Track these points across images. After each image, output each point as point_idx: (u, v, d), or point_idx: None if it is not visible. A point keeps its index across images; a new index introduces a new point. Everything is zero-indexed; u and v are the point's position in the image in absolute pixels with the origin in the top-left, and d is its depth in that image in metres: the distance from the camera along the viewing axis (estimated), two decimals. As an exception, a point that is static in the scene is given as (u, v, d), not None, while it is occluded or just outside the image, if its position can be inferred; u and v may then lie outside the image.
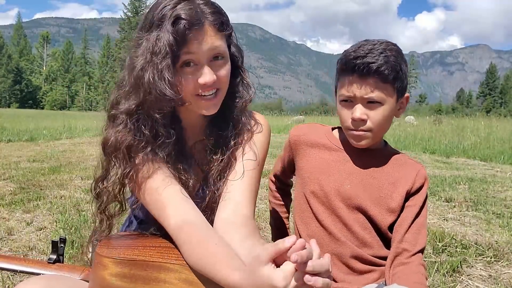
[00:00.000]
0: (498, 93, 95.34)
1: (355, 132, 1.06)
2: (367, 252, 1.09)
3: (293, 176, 1.30)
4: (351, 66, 1.02)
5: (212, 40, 0.93)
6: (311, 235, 1.12)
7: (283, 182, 1.40)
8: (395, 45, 1.05)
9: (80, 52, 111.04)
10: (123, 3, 75.19)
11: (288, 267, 0.68)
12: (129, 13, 72.82)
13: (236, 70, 1.04)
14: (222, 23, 0.95)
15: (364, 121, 1.04)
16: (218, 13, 0.95)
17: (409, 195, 1.11)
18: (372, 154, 1.14)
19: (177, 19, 0.89)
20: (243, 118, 1.04)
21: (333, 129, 1.24)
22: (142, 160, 0.93)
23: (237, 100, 1.03)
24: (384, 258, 1.09)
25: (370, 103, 1.04)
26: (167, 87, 0.89)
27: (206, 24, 0.92)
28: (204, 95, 0.95)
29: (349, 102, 1.06)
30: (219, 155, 1.02)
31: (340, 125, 1.16)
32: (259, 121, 1.09)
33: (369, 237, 1.09)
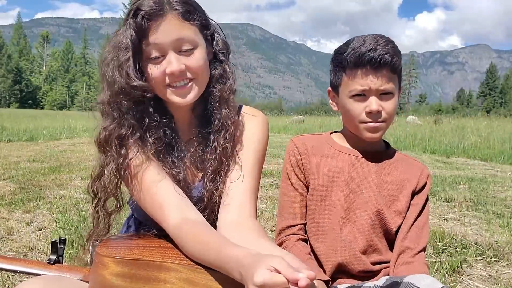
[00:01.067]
0: (498, 93, 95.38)
1: (371, 124, 1.06)
2: (376, 258, 1.09)
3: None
4: (366, 59, 1.01)
5: (176, 29, 0.92)
6: (327, 251, 1.10)
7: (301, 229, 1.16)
8: (389, 37, 1.07)
9: (80, 52, 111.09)
10: (122, 3, 75.22)
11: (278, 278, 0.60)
12: (129, 13, 72.72)
13: (220, 63, 1.03)
14: (188, 11, 0.94)
15: (379, 113, 1.05)
16: (185, 3, 0.95)
17: (413, 195, 1.12)
18: (377, 156, 1.14)
19: (136, 11, 0.90)
20: (227, 111, 1.01)
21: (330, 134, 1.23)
22: (133, 150, 0.95)
23: (214, 94, 1.01)
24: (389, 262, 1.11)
25: (383, 95, 1.05)
26: (130, 78, 0.90)
27: (170, 14, 0.92)
28: (175, 85, 0.95)
29: (362, 96, 1.06)
30: (209, 154, 1.01)
31: (345, 123, 1.16)
32: (254, 114, 1.07)
33: (380, 242, 1.10)
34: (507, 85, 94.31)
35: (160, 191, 0.92)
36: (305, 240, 1.14)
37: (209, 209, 1.00)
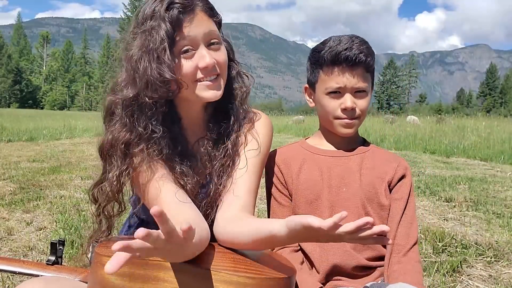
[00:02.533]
0: (498, 93, 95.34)
1: (346, 121, 1.10)
2: (370, 254, 1.10)
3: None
4: (342, 57, 1.05)
5: (206, 24, 0.95)
6: (318, 251, 1.10)
7: None
8: (363, 38, 1.11)
9: (80, 52, 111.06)
10: (123, 3, 75.29)
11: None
12: (129, 13, 72.85)
13: (230, 62, 1.05)
14: (210, 8, 0.98)
15: (354, 110, 1.10)
16: (206, 0, 0.98)
17: (391, 187, 1.13)
18: (355, 152, 1.17)
19: (170, 4, 0.91)
20: (243, 108, 1.06)
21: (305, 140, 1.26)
22: (139, 158, 0.93)
23: (236, 91, 1.05)
24: (384, 258, 1.10)
25: (357, 93, 1.10)
26: (164, 70, 0.90)
27: (198, 8, 0.95)
28: (206, 79, 0.96)
29: (337, 93, 1.10)
30: (221, 150, 1.03)
31: (320, 120, 1.19)
32: (260, 115, 1.11)
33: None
34: (507, 85, 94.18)
35: (163, 200, 0.91)
36: (297, 250, 1.15)
37: (213, 202, 1.02)
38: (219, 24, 1.02)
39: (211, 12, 0.98)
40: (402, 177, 1.13)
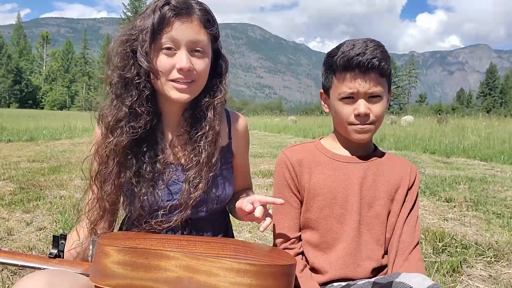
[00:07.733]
0: (498, 93, 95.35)
1: (359, 126, 1.09)
2: (371, 264, 1.10)
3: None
4: (354, 63, 1.04)
5: (196, 32, 1.00)
6: (332, 261, 1.10)
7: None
8: (379, 42, 1.09)
9: (80, 52, 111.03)
10: (122, 3, 75.26)
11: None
12: (128, 13, 72.84)
13: (218, 76, 1.11)
14: (208, 20, 1.03)
15: (368, 116, 1.08)
16: (207, 12, 1.03)
17: (407, 192, 1.15)
18: (369, 159, 1.16)
19: (166, 4, 0.98)
20: (210, 118, 1.08)
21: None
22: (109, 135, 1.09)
23: (206, 100, 1.08)
24: (383, 267, 1.12)
25: (372, 98, 1.08)
26: (144, 59, 0.98)
27: (194, 16, 1.00)
28: (178, 81, 1.01)
29: (351, 98, 1.08)
30: (193, 156, 1.07)
31: (335, 125, 1.18)
32: (238, 117, 1.21)
33: (378, 250, 1.11)
34: (507, 85, 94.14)
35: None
36: (300, 253, 1.14)
37: (183, 206, 1.05)
38: (214, 37, 1.06)
39: (207, 24, 1.03)
40: (414, 180, 1.16)
